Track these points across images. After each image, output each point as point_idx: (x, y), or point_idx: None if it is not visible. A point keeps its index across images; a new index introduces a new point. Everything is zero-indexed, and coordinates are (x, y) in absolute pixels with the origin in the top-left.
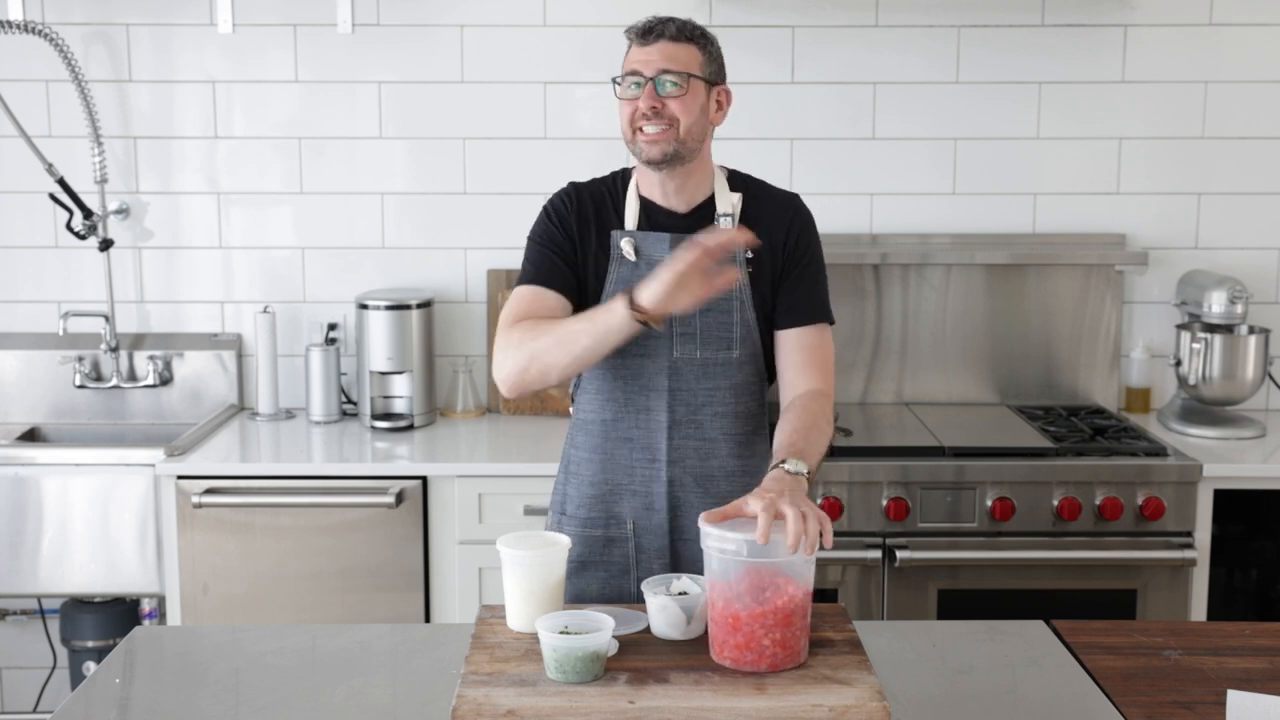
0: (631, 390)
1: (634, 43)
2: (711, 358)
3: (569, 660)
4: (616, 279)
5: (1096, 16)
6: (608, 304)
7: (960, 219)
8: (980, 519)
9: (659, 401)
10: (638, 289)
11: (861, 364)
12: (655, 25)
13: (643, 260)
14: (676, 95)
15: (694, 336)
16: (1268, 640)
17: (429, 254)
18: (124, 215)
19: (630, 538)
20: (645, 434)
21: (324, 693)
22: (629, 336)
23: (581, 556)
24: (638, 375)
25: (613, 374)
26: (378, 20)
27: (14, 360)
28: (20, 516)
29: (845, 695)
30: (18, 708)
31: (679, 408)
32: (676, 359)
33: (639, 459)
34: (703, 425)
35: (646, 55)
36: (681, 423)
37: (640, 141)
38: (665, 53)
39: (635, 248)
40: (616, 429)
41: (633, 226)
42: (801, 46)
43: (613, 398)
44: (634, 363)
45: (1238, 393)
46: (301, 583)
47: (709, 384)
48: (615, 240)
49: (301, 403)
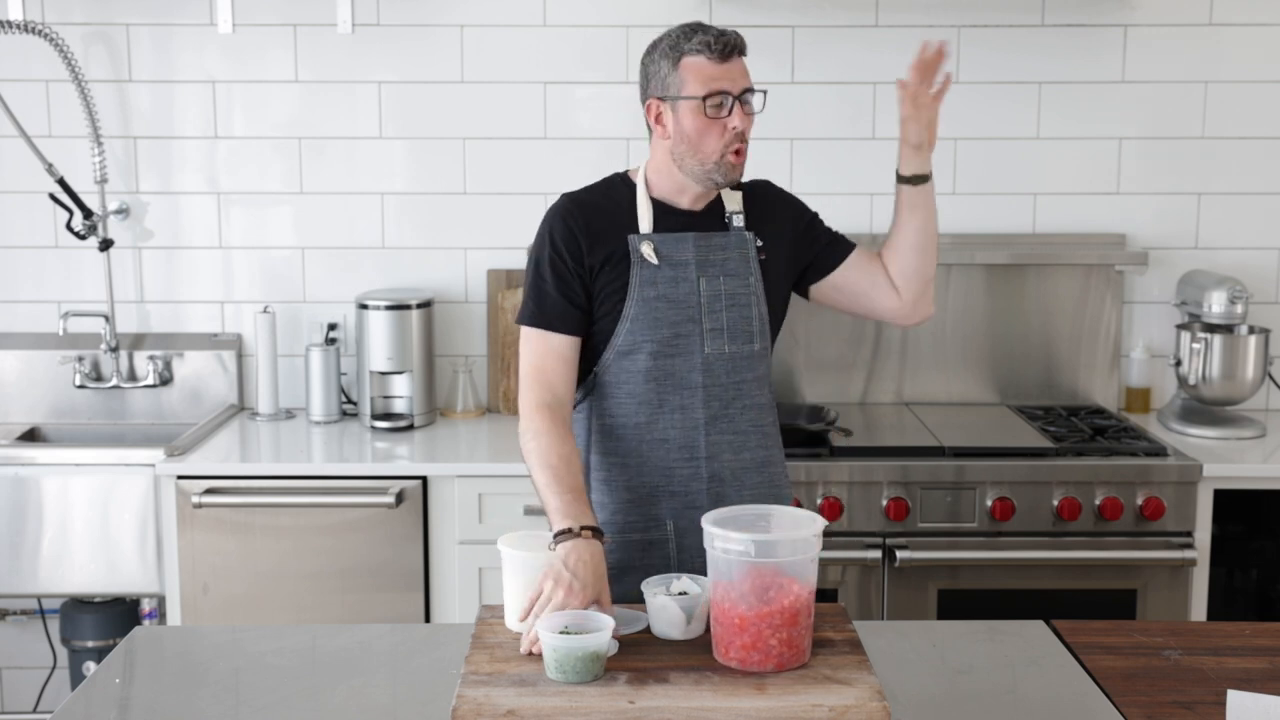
0: (666, 390)
1: (709, 58)
2: (738, 351)
3: (569, 660)
4: (640, 281)
5: (1096, 16)
6: (565, 513)
7: (960, 219)
8: (980, 519)
9: (694, 399)
10: (576, 545)
11: (861, 364)
12: (732, 40)
13: (664, 262)
14: (756, 113)
15: (722, 332)
16: (1268, 640)
17: (429, 254)
18: (124, 215)
19: (671, 538)
20: (682, 433)
21: (324, 693)
22: None
23: (620, 563)
24: (672, 374)
25: (644, 376)
26: (378, 20)
27: (14, 360)
28: (20, 516)
29: (845, 695)
30: (18, 708)
31: (713, 403)
32: (709, 354)
33: (677, 458)
34: (734, 419)
35: (729, 72)
36: (717, 418)
37: (730, 163)
38: (741, 69)
39: (655, 250)
40: (652, 430)
41: (648, 229)
42: (801, 46)
43: (646, 400)
44: (667, 363)
45: (1238, 393)
46: (301, 583)
47: (737, 377)
48: (634, 245)
49: (301, 403)
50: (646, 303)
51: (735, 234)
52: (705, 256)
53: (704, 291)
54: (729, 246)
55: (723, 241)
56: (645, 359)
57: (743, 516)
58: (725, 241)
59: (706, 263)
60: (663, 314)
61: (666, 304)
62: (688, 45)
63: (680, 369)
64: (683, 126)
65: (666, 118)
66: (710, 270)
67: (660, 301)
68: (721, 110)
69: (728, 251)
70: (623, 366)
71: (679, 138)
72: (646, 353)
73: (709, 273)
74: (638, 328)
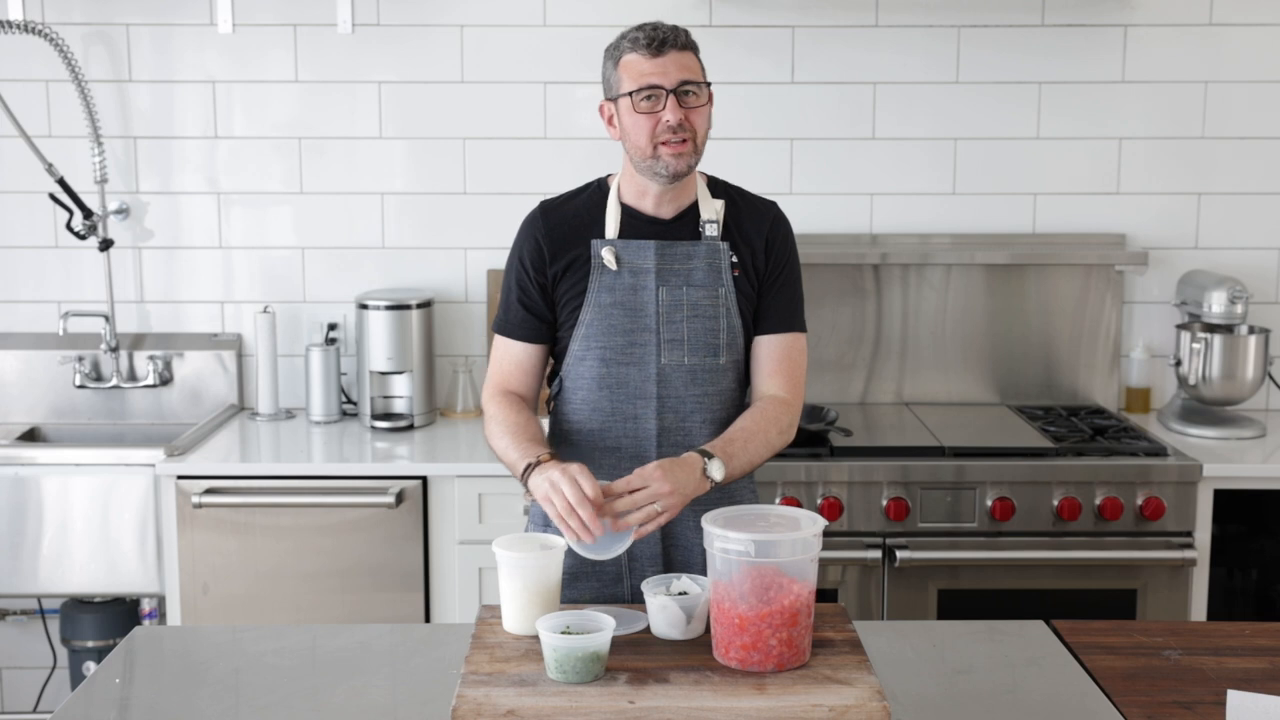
0: (619, 399)
1: (641, 54)
2: (699, 364)
3: (569, 660)
4: (599, 287)
5: (1096, 16)
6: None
7: (960, 219)
8: (980, 519)
9: (647, 409)
10: (544, 468)
11: (861, 364)
12: (665, 35)
13: (625, 268)
14: (697, 106)
15: (681, 343)
16: (1268, 640)
17: (429, 254)
18: (124, 215)
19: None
20: (634, 443)
21: (324, 693)
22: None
23: (572, 568)
24: (624, 383)
25: (598, 383)
26: (378, 20)
27: (14, 360)
28: (20, 516)
29: (845, 695)
30: (18, 708)
31: (667, 415)
32: (664, 365)
33: (627, 468)
34: (690, 432)
35: (662, 67)
36: (670, 430)
37: (665, 157)
38: (680, 63)
39: (616, 256)
40: (604, 438)
41: (613, 235)
42: (801, 46)
43: (599, 407)
44: (620, 371)
45: (1238, 393)
46: (301, 583)
47: (696, 390)
48: (596, 249)
49: (301, 403)
50: (602, 309)
51: (707, 244)
52: (668, 265)
53: (663, 301)
54: (696, 256)
55: (690, 250)
56: (599, 365)
57: (743, 516)
58: (693, 251)
59: (669, 271)
60: (617, 321)
61: (622, 311)
62: (625, 44)
63: (634, 378)
64: (623, 123)
65: (616, 119)
66: (672, 279)
67: (616, 308)
68: (655, 104)
69: (694, 261)
70: (579, 372)
71: (623, 135)
72: (599, 359)
73: (670, 281)
74: (592, 333)
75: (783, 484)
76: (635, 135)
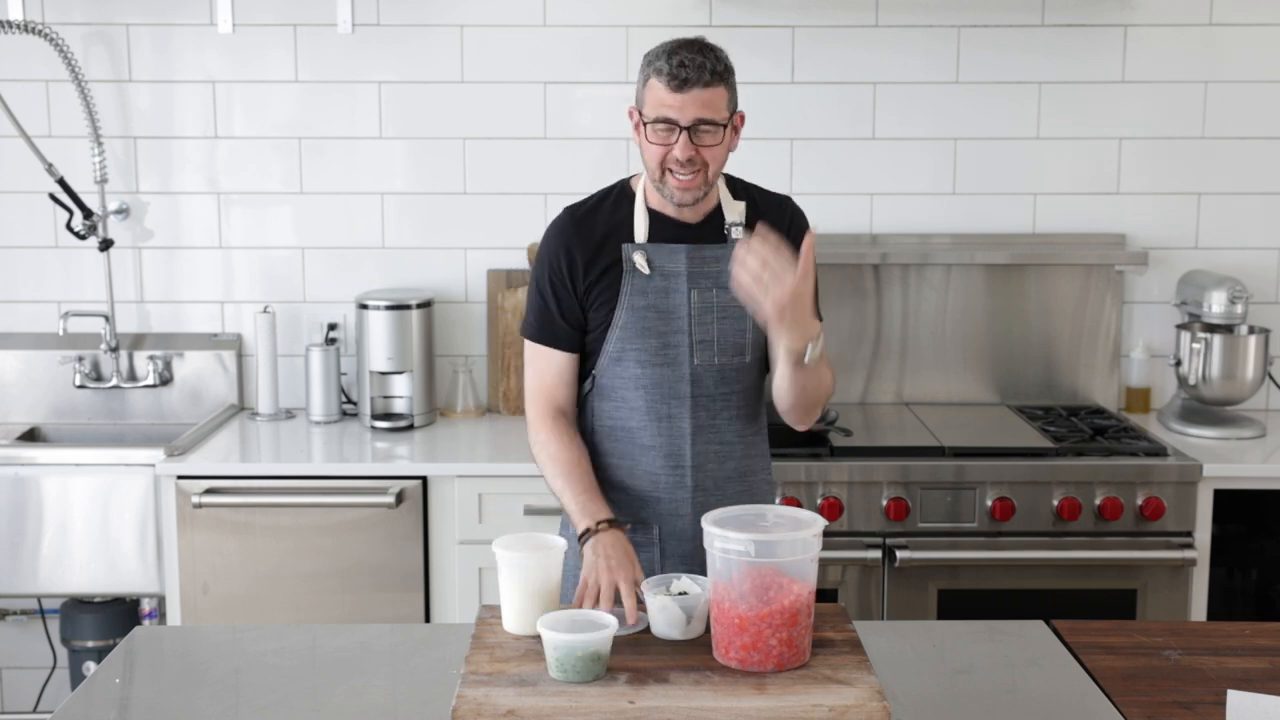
0: (654, 398)
1: (664, 85)
2: (728, 363)
3: (570, 660)
4: (632, 290)
5: (1096, 16)
6: (582, 513)
7: (960, 219)
8: (980, 519)
9: (681, 409)
10: (601, 540)
11: (861, 364)
12: (690, 74)
13: (656, 272)
14: (711, 145)
15: (712, 344)
16: (1268, 640)
17: (429, 254)
18: (124, 215)
19: (656, 543)
20: (669, 441)
21: (324, 693)
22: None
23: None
24: (660, 384)
25: (633, 383)
26: (378, 20)
27: (14, 360)
28: (20, 516)
29: (845, 695)
30: (18, 708)
31: (700, 413)
32: (697, 366)
33: (663, 466)
34: (721, 430)
35: (680, 103)
36: (703, 428)
37: (671, 186)
38: (702, 100)
39: (648, 260)
40: (641, 437)
41: (643, 239)
42: (801, 46)
43: (635, 406)
44: (655, 372)
45: (1238, 393)
46: (301, 583)
47: (725, 389)
48: (627, 254)
49: (301, 403)
50: (636, 312)
51: (733, 246)
52: (699, 268)
53: (695, 303)
54: (724, 259)
55: (718, 254)
56: (634, 367)
57: (743, 516)
58: (721, 254)
59: (699, 274)
60: (651, 324)
61: (655, 314)
62: (656, 65)
63: (669, 379)
64: (641, 139)
65: (639, 129)
66: (703, 282)
67: (649, 311)
68: (669, 136)
69: (723, 264)
70: (615, 373)
71: (641, 149)
72: (635, 361)
73: (701, 284)
74: (627, 336)
75: (783, 484)
76: (647, 157)
